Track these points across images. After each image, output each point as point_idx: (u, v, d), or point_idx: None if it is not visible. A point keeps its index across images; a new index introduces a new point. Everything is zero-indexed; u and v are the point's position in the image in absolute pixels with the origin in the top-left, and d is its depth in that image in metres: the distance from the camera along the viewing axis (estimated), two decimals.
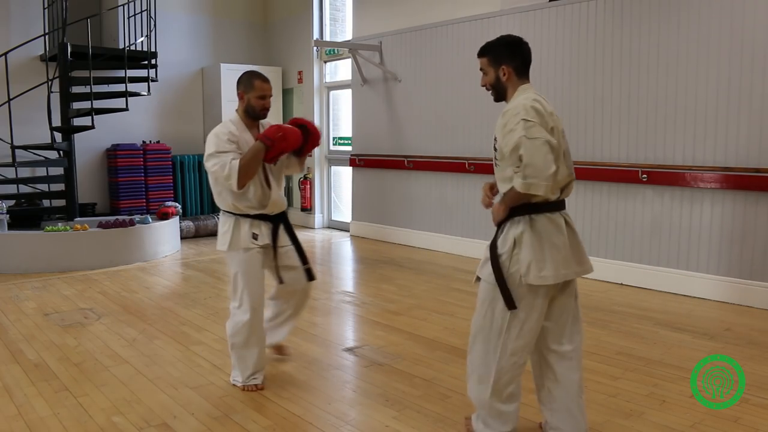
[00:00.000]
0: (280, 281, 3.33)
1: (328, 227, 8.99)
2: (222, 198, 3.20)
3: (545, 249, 2.42)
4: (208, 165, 3.07)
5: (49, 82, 6.73)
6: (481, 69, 2.59)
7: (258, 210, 3.18)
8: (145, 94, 7.40)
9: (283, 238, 3.31)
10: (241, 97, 3.17)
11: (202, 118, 9.02)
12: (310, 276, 3.37)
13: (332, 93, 8.86)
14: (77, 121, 7.04)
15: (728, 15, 4.72)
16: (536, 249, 2.41)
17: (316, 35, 8.72)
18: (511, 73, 2.51)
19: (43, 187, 7.18)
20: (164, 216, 7.18)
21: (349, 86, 8.18)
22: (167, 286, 5.65)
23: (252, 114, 3.18)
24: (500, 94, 2.57)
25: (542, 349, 2.59)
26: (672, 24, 5.03)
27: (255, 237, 3.18)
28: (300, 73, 8.97)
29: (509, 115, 2.39)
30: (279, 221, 3.29)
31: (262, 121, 3.29)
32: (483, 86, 2.62)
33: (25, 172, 7.16)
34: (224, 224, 3.24)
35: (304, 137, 3.22)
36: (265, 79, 3.18)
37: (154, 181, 8.15)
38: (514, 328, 2.45)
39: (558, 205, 2.49)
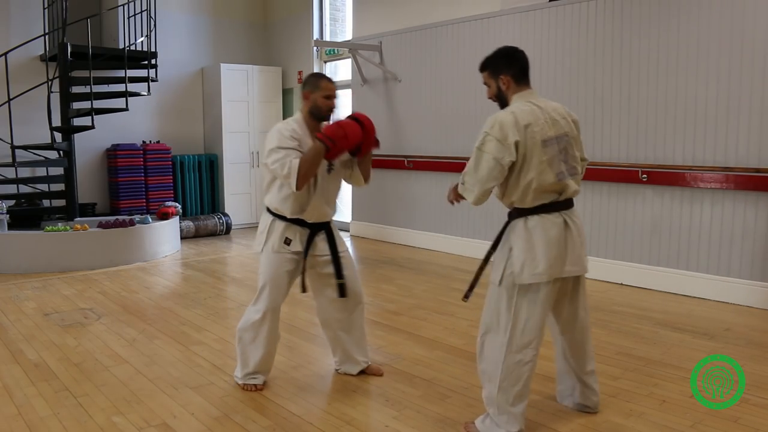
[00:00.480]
0: (303, 290, 3.21)
1: None
2: (269, 194, 3.14)
3: (537, 247, 2.55)
4: (269, 161, 2.98)
5: (49, 82, 6.73)
6: (484, 83, 2.76)
7: (296, 214, 3.10)
8: (145, 94, 7.40)
9: (321, 246, 3.19)
10: (306, 97, 3.10)
11: (202, 118, 9.02)
12: (341, 292, 3.22)
13: None
14: (77, 121, 7.04)
15: (728, 15, 4.72)
16: (528, 248, 2.55)
17: (316, 35, 8.72)
18: (510, 82, 2.66)
19: (43, 187, 7.18)
20: (164, 216, 7.18)
21: (349, 86, 8.18)
22: (167, 286, 5.65)
23: (317, 114, 3.09)
24: (504, 102, 2.70)
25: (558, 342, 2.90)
26: (672, 24, 5.03)
27: (287, 242, 3.11)
28: (300, 73, 8.97)
29: (484, 125, 2.57)
30: (319, 229, 3.19)
31: (324, 125, 3.17)
32: (489, 98, 2.78)
33: (25, 172, 7.16)
34: (262, 224, 3.20)
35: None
36: (331, 80, 3.13)
37: (154, 181, 8.15)
38: (519, 325, 2.57)
39: (556, 206, 2.61)
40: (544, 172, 2.53)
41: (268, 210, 3.19)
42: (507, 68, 2.66)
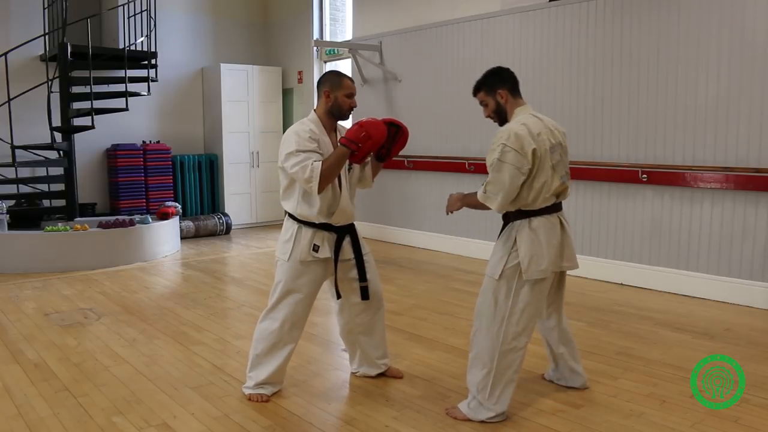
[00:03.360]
0: (338, 296, 3.16)
1: None
2: (289, 201, 3.03)
3: (542, 246, 2.78)
4: (287, 164, 2.88)
5: (49, 82, 6.73)
6: (481, 103, 2.95)
7: (324, 218, 2.99)
8: (145, 94, 7.40)
9: (347, 250, 3.11)
10: (326, 95, 3.00)
11: (202, 118, 9.02)
12: (363, 294, 3.16)
13: None
14: (77, 121, 7.04)
15: (728, 15, 4.72)
16: (535, 246, 2.77)
17: (316, 35, 8.72)
18: (507, 95, 2.87)
19: (43, 187, 7.18)
20: (164, 216, 7.17)
21: None
22: (167, 286, 5.65)
23: (337, 113, 3.02)
24: (503, 117, 2.90)
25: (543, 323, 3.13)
26: (672, 23, 5.03)
27: (315, 249, 2.99)
28: (300, 73, 8.97)
29: (496, 137, 2.76)
30: (345, 233, 3.09)
31: (339, 124, 3.15)
32: (487, 117, 2.96)
33: (25, 172, 7.16)
34: (287, 232, 3.05)
35: (390, 135, 3.06)
36: (352, 79, 3.07)
37: (154, 181, 8.15)
38: (515, 315, 2.78)
39: (555, 208, 2.87)
40: (552, 177, 2.79)
41: (291, 216, 3.06)
42: (502, 83, 2.87)
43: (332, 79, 3.04)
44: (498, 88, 2.86)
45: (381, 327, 3.34)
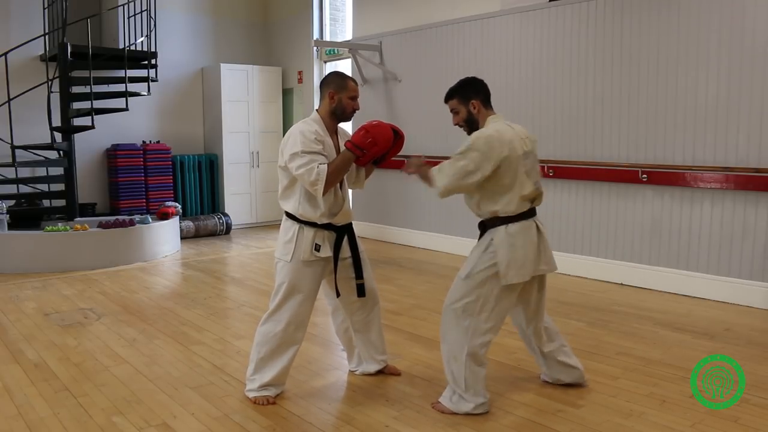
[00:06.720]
0: (338, 294, 3.15)
1: None
2: (289, 201, 3.03)
3: (519, 251, 2.85)
4: (292, 165, 2.88)
5: (49, 82, 6.73)
6: (451, 110, 3.04)
7: (327, 219, 3.00)
8: (145, 94, 7.40)
9: (346, 249, 3.12)
10: (331, 96, 3.02)
11: (202, 118, 9.02)
12: (360, 291, 3.15)
13: None
14: (77, 121, 7.04)
15: (728, 15, 4.72)
16: (512, 251, 2.84)
17: (316, 35, 8.72)
18: (479, 106, 2.96)
19: (43, 187, 7.18)
20: (164, 216, 7.18)
21: None
22: (167, 286, 5.65)
23: (340, 115, 3.04)
24: (473, 126, 2.99)
25: (524, 329, 3.18)
26: (672, 23, 5.03)
27: (317, 248, 3.00)
28: (300, 73, 8.97)
29: (471, 137, 2.90)
30: (344, 232, 3.10)
31: (340, 126, 3.15)
32: (456, 125, 3.06)
33: (25, 172, 7.16)
34: (287, 232, 3.04)
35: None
36: (356, 81, 3.08)
37: (154, 181, 8.15)
38: (484, 312, 2.87)
39: (530, 213, 2.94)
40: (525, 182, 2.87)
41: (291, 216, 3.06)
42: (476, 94, 2.96)
43: (336, 80, 3.05)
44: (472, 98, 2.95)
45: (378, 324, 3.35)
